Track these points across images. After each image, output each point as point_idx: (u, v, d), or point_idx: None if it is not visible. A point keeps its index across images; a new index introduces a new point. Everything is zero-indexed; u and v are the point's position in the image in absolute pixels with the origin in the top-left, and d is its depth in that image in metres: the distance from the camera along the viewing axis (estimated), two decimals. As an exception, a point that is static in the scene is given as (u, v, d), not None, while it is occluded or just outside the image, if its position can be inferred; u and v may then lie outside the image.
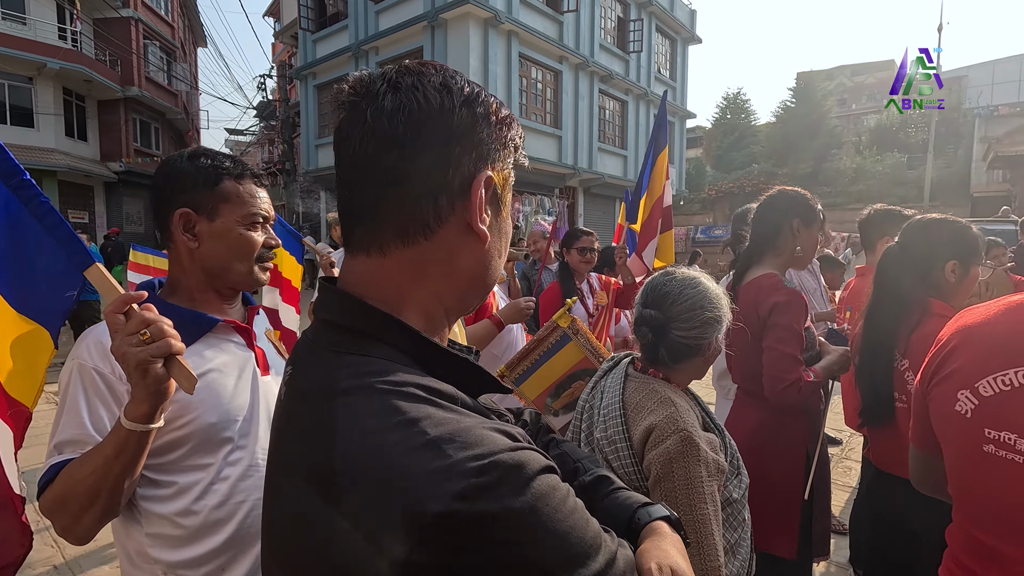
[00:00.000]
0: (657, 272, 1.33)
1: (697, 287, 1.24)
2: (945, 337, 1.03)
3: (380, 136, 0.52)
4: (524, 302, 2.24)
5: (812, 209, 1.85)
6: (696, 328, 1.21)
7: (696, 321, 1.21)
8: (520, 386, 1.70)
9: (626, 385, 1.25)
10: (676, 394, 1.20)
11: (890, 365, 1.61)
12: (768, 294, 1.72)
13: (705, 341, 1.22)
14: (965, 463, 0.95)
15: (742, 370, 1.88)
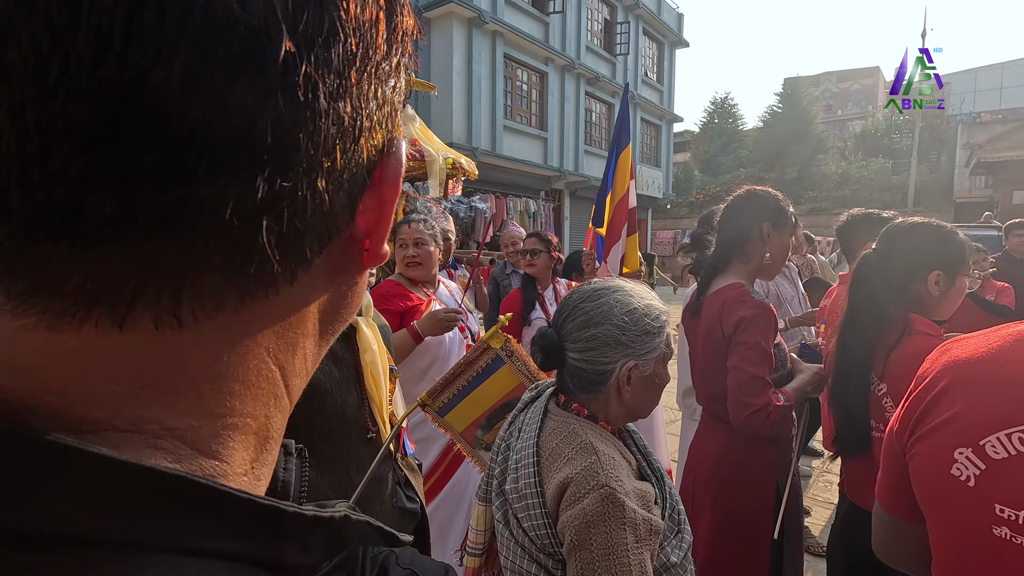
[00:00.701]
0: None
1: (599, 299, 1.00)
2: (931, 374, 0.77)
3: None
4: (444, 312, 2.03)
5: (783, 212, 1.66)
6: (589, 351, 0.98)
7: (588, 342, 0.98)
8: (445, 416, 1.48)
9: (544, 424, 1.01)
10: (602, 437, 0.97)
11: (865, 389, 1.43)
12: (733, 307, 1.54)
13: (606, 368, 0.97)
14: (965, 548, 0.69)
15: (706, 391, 1.69)
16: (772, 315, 1.52)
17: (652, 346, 0.98)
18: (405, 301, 2.21)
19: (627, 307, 0.98)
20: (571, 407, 1.02)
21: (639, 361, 0.97)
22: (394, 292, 2.24)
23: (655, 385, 1.01)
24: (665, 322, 1.01)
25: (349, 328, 1.45)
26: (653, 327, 0.98)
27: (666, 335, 1.01)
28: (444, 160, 4.72)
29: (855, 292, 1.49)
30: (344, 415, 1.40)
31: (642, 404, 1.02)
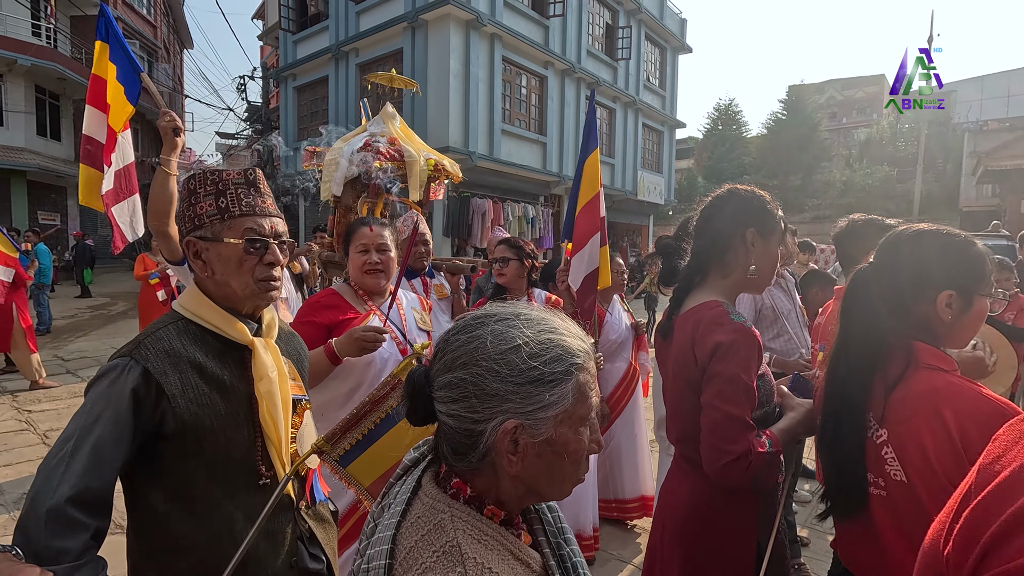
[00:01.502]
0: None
1: (472, 331, 0.72)
2: (1013, 470, 0.49)
3: None
4: (361, 331, 1.75)
5: (771, 215, 1.41)
6: (454, 402, 0.70)
7: (452, 390, 0.70)
8: (348, 467, 1.21)
9: (409, 508, 0.73)
10: (480, 535, 0.68)
11: (859, 434, 1.17)
12: (708, 330, 1.28)
13: (475, 428, 0.69)
14: None
15: (677, 429, 1.43)
16: (755, 341, 1.27)
17: (546, 400, 0.68)
18: (337, 314, 1.95)
19: (506, 343, 0.69)
20: (450, 483, 0.74)
21: (525, 420, 0.68)
22: (326, 303, 1.98)
23: (565, 455, 0.71)
24: (575, 366, 0.71)
25: (243, 351, 1.20)
26: (548, 373, 0.68)
27: (577, 384, 0.71)
28: (426, 161, 4.48)
29: (846, 315, 1.23)
30: (229, 457, 1.15)
31: (548, 481, 0.72)
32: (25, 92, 17.27)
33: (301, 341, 1.48)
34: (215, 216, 1.20)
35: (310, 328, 1.88)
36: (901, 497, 1.09)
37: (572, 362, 0.70)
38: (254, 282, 1.21)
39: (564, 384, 0.69)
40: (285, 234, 1.30)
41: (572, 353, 0.71)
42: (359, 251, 2.03)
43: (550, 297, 2.79)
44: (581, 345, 0.73)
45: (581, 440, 0.71)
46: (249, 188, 1.25)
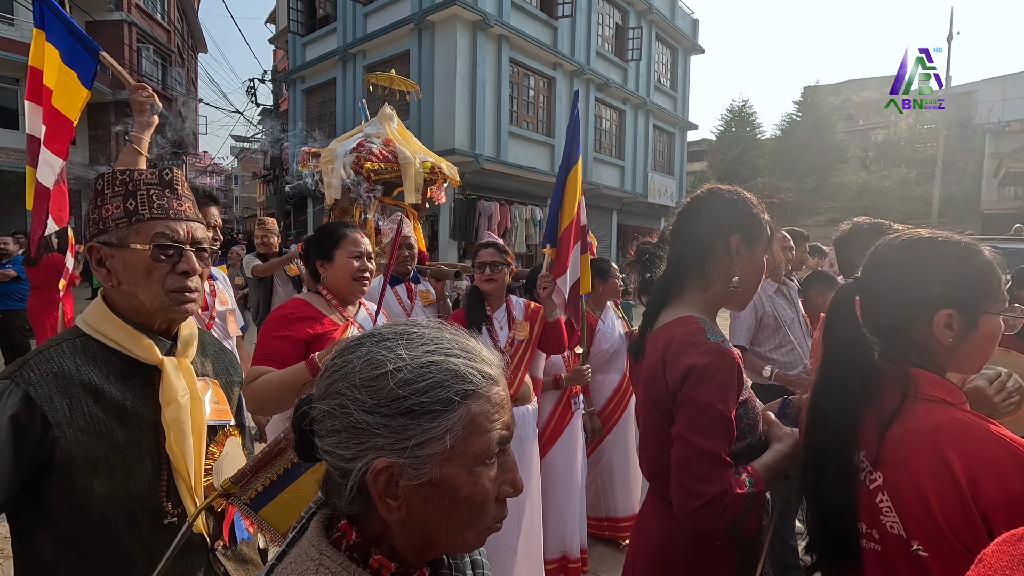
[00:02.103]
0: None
1: (348, 353, 0.62)
2: None
3: None
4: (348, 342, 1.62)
5: (758, 220, 1.24)
6: (327, 436, 0.60)
7: (324, 421, 0.60)
8: (261, 511, 1.06)
9: (289, 549, 0.64)
10: None
11: (848, 478, 0.99)
12: (681, 351, 1.12)
13: (347, 467, 0.59)
14: None
15: (648, 461, 1.27)
16: (734, 364, 1.10)
17: (424, 436, 0.57)
18: (314, 326, 1.82)
19: (375, 368, 0.58)
20: (336, 526, 0.63)
21: (400, 459, 0.57)
22: (301, 314, 1.84)
23: (458, 500, 0.59)
24: (464, 392, 0.59)
25: (151, 372, 1.06)
26: (424, 403, 0.57)
27: (468, 415, 0.59)
28: (422, 164, 4.35)
29: (829, 338, 1.05)
30: (128, 493, 1.01)
31: (444, 530, 0.60)
32: (40, 96, 17.49)
33: (234, 358, 1.34)
34: (122, 219, 1.06)
35: (286, 343, 1.75)
36: (898, 553, 0.92)
37: (458, 388, 0.59)
38: (165, 293, 1.07)
39: (445, 416, 0.58)
40: (205, 241, 1.16)
41: (459, 377, 0.59)
42: (352, 256, 1.90)
43: (529, 304, 2.63)
44: (479, 367, 0.61)
45: (479, 483, 0.60)
46: (164, 189, 1.11)
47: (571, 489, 2.75)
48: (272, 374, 1.69)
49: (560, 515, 2.70)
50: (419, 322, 0.66)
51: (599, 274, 3.23)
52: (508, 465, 0.64)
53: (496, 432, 0.61)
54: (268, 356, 1.74)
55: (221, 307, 2.48)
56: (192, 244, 1.12)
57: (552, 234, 2.65)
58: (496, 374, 0.63)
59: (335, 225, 2.01)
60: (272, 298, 4.98)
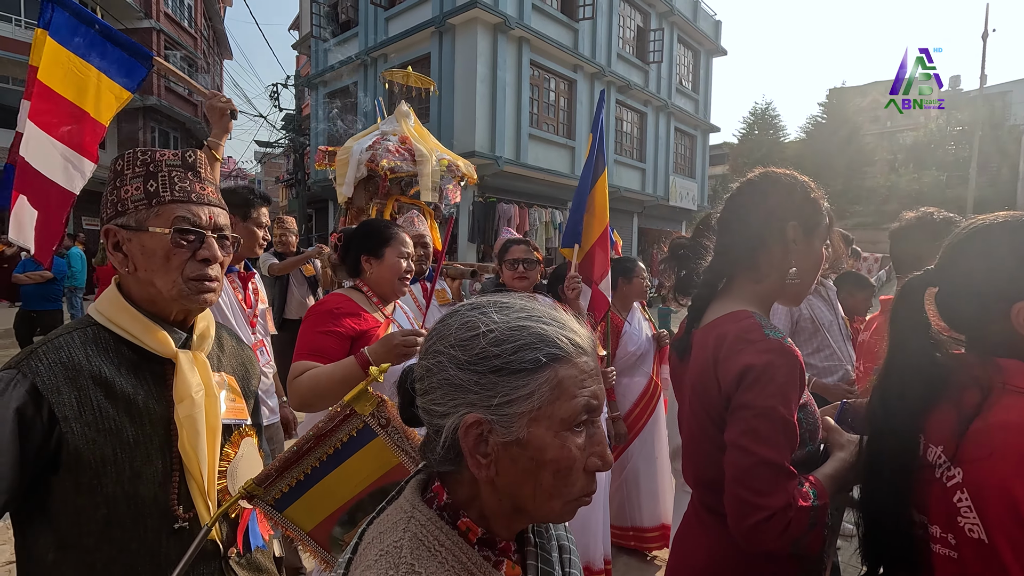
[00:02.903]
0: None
1: (447, 319, 0.66)
2: None
3: None
4: (401, 335, 1.58)
5: (816, 206, 1.13)
6: (425, 394, 0.64)
7: (424, 380, 0.65)
8: (287, 510, 0.99)
9: (388, 505, 0.68)
10: (429, 544, 0.60)
11: (906, 480, 0.88)
12: (735, 349, 1.01)
13: (441, 423, 0.62)
14: None
15: (694, 470, 1.16)
16: (796, 362, 0.99)
17: (512, 394, 0.59)
18: (359, 322, 1.78)
19: (470, 330, 0.62)
20: (430, 487, 0.67)
21: (489, 416, 0.60)
22: (346, 309, 1.79)
23: (544, 462, 0.60)
24: (552, 356, 0.61)
25: (164, 366, 1.00)
26: (513, 362, 0.60)
27: (555, 377, 0.60)
28: (439, 161, 4.30)
29: (895, 331, 0.95)
30: (136, 495, 0.94)
31: (531, 494, 0.61)
32: (72, 102, 17.97)
33: (251, 354, 1.27)
34: (141, 201, 1.00)
35: (332, 339, 1.71)
36: (977, 561, 0.81)
37: (547, 351, 0.61)
38: (183, 281, 1.00)
39: (533, 376, 0.60)
40: (227, 228, 1.09)
41: (548, 342, 0.62)
42: (401, 256, 1.88)
43: (556, 304, 2.54)
44: (569, 336, 0.63)
45: (566, 447, 0.61)
46: (186, 172, 1.05)
47: (596, 496, 2.64)
48: (319, 369, 1.64)
49: (583, 524, 2.59)
50: (513, 294, 0.69)
51: (623, 273, 3.13)
52: (597, 437, 0.64)
53: (583, 399, 0.61)
54: (314, 351, 1.69)
55: (262, 305, 2.49)
56: (214, 230, 1.05)
57: (572, 236, 2.59)
58: (586, 345, 0.64)
59: (385, 223, 1.99)
60: (287, 297, 4.96)
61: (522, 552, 0.72)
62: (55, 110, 2.00)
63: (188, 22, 23.44)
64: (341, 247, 1.98)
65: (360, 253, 1.89)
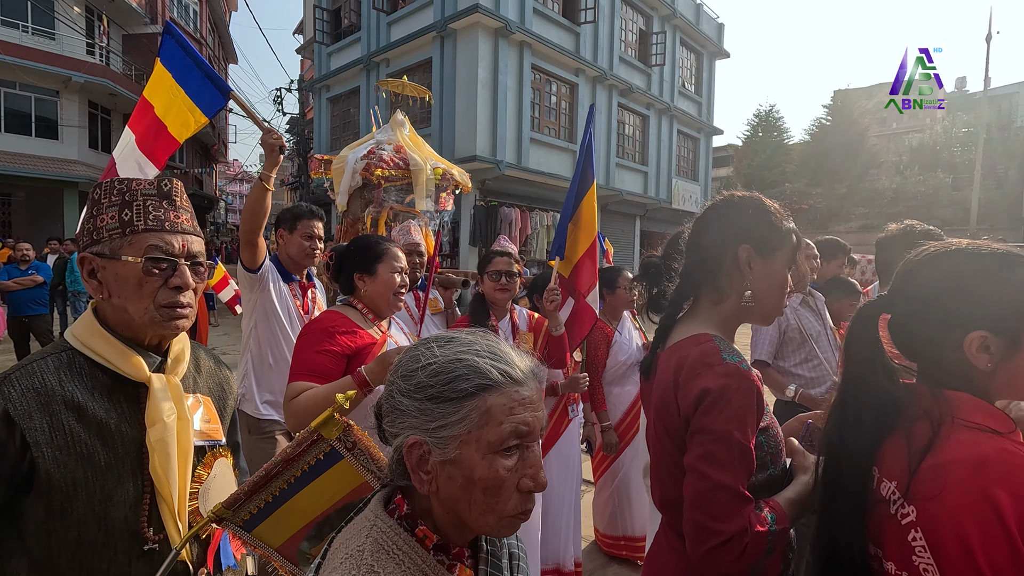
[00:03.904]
0: None
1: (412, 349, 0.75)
2: None
3: None
4: (396, 354, 1.56)
5: (773, 228, 1.14)
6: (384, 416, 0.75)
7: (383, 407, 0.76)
8: (255, 530, 1.02)
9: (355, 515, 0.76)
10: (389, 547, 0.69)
11: (860, 512, 0.88)
12: (694, 372, 1.03)
13: (395, 444, 0.73)
14: None
15: (659, 491, 1.17)
16: (753, 387, 1.01)
17: (445, 419, 0.68)
18: (354, 340, 1.75)
19: (413, 362, 0.72)
20: (393, 499, 0.76)
21: (427, 437, 0.69)
22: (341, 328, 1.76)
23: (474, 481, 0.68)
24: (481, 387, 0.68)
25: (137, 389, 1.02)
26: (447, 392, 0.68)
27: (483, 405, 0.68)
28: (433, 170, 4.33)
29: (849, 359, 0.96)
30: (107, 518, 0.97)
31: (467, 508, 0.69)
32: (79, 107, 18.14)
33: (229, 375, 1.30)
34: (115, 231, 1.03)
35: (328, 358, 1.69)
36: None
37: (476, 382, 0.68)
38: (155, 308, 1.03)
39: (462, 403, 0.68)
40: (201, 255, 1.12)
41: (479, 373, 0.69)
42: (394, 272, 1.85)
43: (533, 316, 2.56)
44: (502, 367, 0.70)
45: (493, 468, 0.68)
46: (161, 200, 1.08)
47: (566, 499, 2.66)
48: (316, 389, 1.62)
49: (554, 526, 2.62)
50: (464, 330, 0.76)
51: (606, 284, 3.14)
52: (530, 460, 0.70)
53: (510, 425, 0.68)
54: (310, 371, 1.67)
55: (318, 312, 2.57)
56: (187, 258, 1.08)
57: (561, 248, 2.61)
58: (521, 377, 0.71)
59: (376, 239, 1.97)
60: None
61: (475, 558, 0.79)
62: (144, 119, 2.31)
63: (193, 27, 23.63)
64: (333, 266, 1.98)
65: (353, 271, 1.87)
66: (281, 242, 2.51)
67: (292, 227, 2.51)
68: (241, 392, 2.43)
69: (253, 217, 2.29)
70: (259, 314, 2.43)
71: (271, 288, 2.42)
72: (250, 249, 2.33)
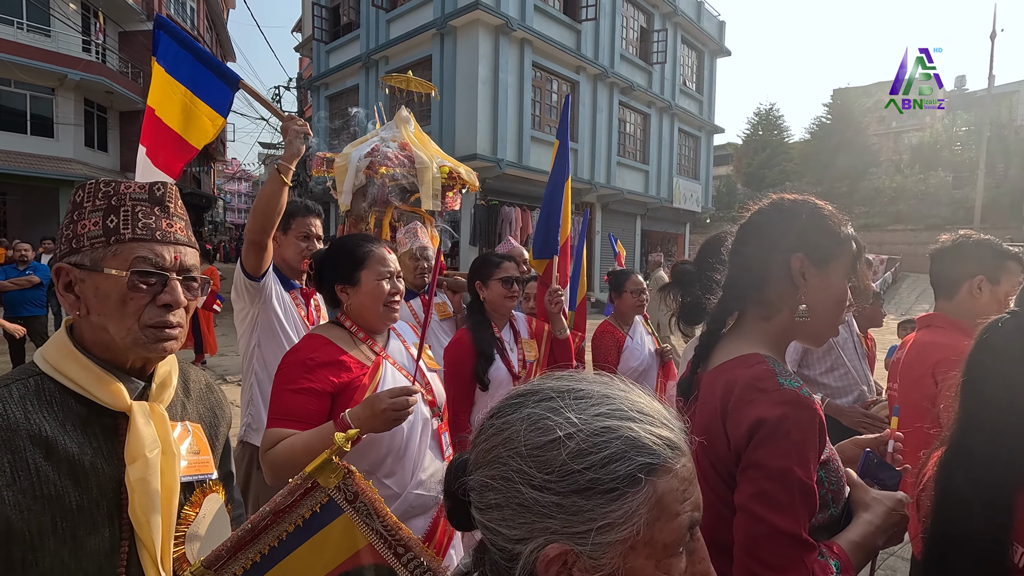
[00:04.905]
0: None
1: (509, 414, 0.54)
2: None
3: None
4: (389, 397, 1.31)
5: (831, 234, 1.01)
6: (487, 510, 0.53)
7: (483, 493, 0.54)
8: None
9: None
10: None
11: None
12: (746, 399, 0.91)
13: (512, 550, 0.52)
14: None
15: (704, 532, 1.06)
16: (814, 417, 0.89)
17: (603, 519, 0.49)
18: (339, 373, 1.46)
19: (543, 434, 0.51)
20: None
21: (576, 546, 0.49)
22: (322, 358, 1.46)
23: None
24: (648, 468, 0.50)
25: (115, 419, 0.90)
26: (603, 481, 0.49)
27: (654, 495, 0.50)
28: (439, 169, 4.20)
29: (972, 394, 0.84)
30: (78, 569, 0.85)
31: None
32: (75, 105, 17.97)
33: (221, 398, 1.17)
34: (98, 239, 0.90)
35: (307, 398, 1.41)
36: None
37: (642, 462, 0.50)
38: (140, 328, 0.90)
39: (629, 497, 0.50)
40: (195, 268, 1.00)
41: (642, 449, 0.51)
42: (381, 278, 1.56)
43: (531, 320, 2.43)
44: (662, 434, 0.52)
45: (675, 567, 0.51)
46: (153, 206, 0.95)
47: None
48: (295, 439, 1.37)
49: None
50: (584, 376, 0.57)
51: (613, 288, 3.03)
52: (699, 553, 0.56)
53: (686, 515, 0.53)
54: (286, 415, 1.40)
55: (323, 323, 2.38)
56: (180, 272, 0.95)
57: (547, 246, 2.51)
58: (680, 441, 0.55)
59: (356, 240, 1.66)
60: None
61: None
62: (155, 130, 2.08)
63: (191, 24, 23.44)
64: (314, 276, 1.70)
65: (333, 283, 1.59)
66: (275, 245, 2.17)
67: (286, 227, 2.21)
68: (246, 421, 2.21)
69: (266, 214, 1.97)
70: (262, 330, 2.14)
71: (273, 299, 2.13)
72: (256, 252, 2.02)
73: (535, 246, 2.61)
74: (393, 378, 1.55)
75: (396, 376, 1.57)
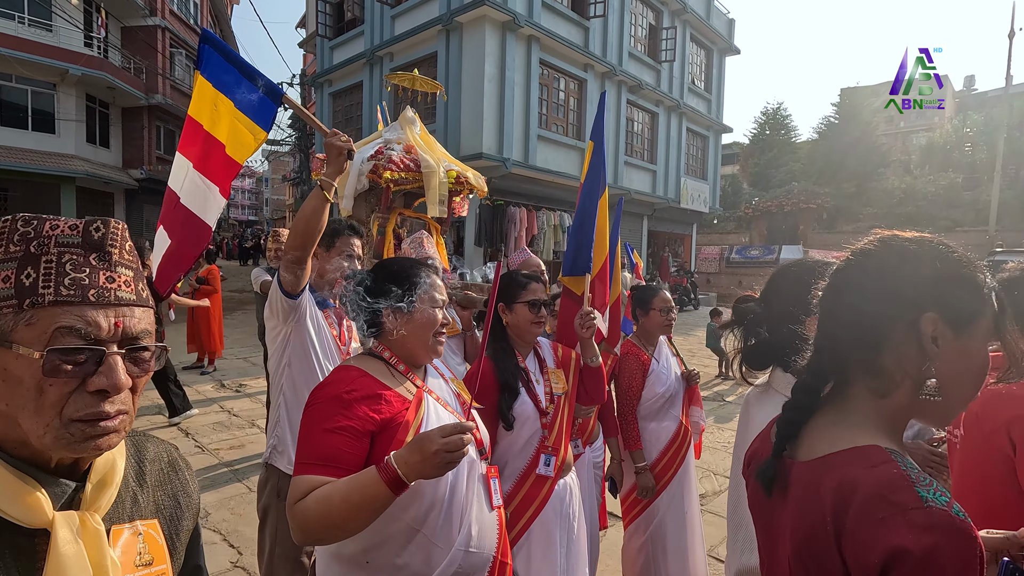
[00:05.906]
0: None
1: None
2: None
3: None
4: (440, 436, 1.09)
5: (968, 287, 0.78)
6: None
7: None
8: None
9: None
10: None
11: None
12: (874, 516, 0.68)
13: None
14: None
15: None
16: (974, 548, 0.66)
17: None
18: (379, 407, 1.27)
19: None
20: None
21: None
22: (361, 392, 1.28)
23: None
24: None
25: (29, 536, 0.67)
26: None
27: None
28: (446, 173, 3.97)
29: None
30: None
31: None
32: (76, 101, 17.79)
33: (187, 480, 0.93)
34: (7, 302, 0.66)
35: (343, 438, 1.22)
36: None
37: None
38: (62, 424, 0.66)
39: None
40: (146, 335, 0.73)
41: None
42: (435, 307, 1.42)
43: (557, 347, 2.16)
44: None
45: None
46: (88, 254, 0.70)
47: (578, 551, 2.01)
48: (330, 489, 1.16)
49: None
50: None
51: (639, 305, 2.77)
52: None
53: None
54: (319, 459, 1.20)
55: (354, 344, 2.20)
56: (123, 343, 0.70)
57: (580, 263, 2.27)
58: None
59: (411, 262, 1.51)
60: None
61: None
62: (199, 143, 2.06)
63: (195, 21, 23.24)
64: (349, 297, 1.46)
65: (377, 305, 1.40)
66: (315, 261, 2.13)
67: (330, 244, 2.20)
68: (272, 443, 2.07)
69: (307, 231, 1.89)
70: (294, 350, 2.02)
71: (307, 318, 2.03)
72: (297, 268, 1.91)
73: (565, 262, 2.37)
74: (436, 414, 1.37)
75: (440, 412, 1.39)
